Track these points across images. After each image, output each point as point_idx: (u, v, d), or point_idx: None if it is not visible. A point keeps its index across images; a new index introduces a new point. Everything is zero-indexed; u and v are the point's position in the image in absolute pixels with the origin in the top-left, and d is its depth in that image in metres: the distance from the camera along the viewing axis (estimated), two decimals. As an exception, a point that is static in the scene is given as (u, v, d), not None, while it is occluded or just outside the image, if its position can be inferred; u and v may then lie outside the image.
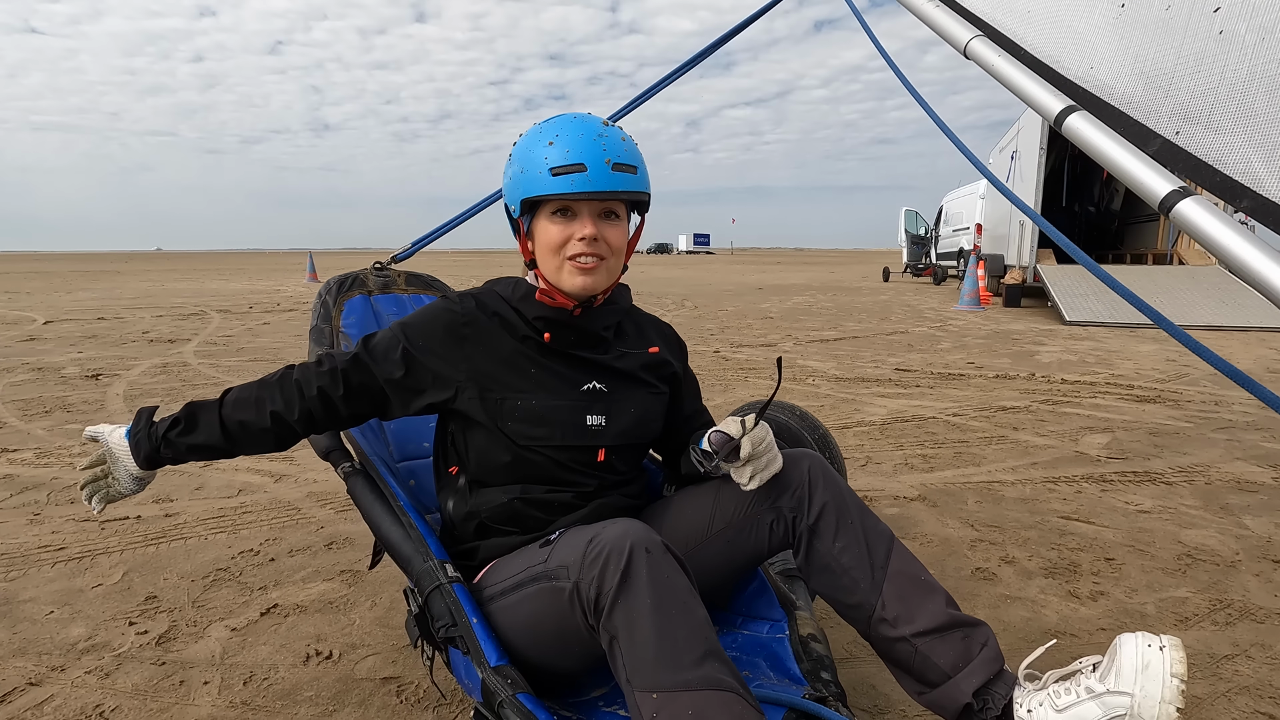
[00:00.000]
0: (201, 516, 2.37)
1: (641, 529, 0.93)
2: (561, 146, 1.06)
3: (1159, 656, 0.91)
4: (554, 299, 1.15)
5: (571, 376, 1.18)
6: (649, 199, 1.16)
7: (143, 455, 1.12)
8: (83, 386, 4.55)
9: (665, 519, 1.24)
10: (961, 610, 1.10)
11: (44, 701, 1.40)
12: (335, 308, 1.63)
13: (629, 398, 1.22)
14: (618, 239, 1.13)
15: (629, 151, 1.09)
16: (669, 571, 0.90)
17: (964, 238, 15.31)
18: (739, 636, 1.30)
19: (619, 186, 1.07)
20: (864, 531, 1.11)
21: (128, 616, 1.72)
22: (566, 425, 1.16)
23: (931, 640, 1.04)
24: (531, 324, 1.16)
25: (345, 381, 1.15)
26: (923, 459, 2.97)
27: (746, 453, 1.09)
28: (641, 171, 1.11)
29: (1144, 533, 2.21)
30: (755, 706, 0.86)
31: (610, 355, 1.21)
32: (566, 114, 1.13)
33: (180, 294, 13.38)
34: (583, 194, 1.06)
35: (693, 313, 9.49)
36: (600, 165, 1.05)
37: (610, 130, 1.10)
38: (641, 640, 0.86)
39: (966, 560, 2.02)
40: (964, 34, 1.29)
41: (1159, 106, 0.97)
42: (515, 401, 1.14)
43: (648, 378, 1.25)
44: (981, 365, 5.27)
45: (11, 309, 10.13)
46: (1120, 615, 1.72)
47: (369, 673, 1.50)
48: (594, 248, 1.09)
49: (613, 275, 1.16)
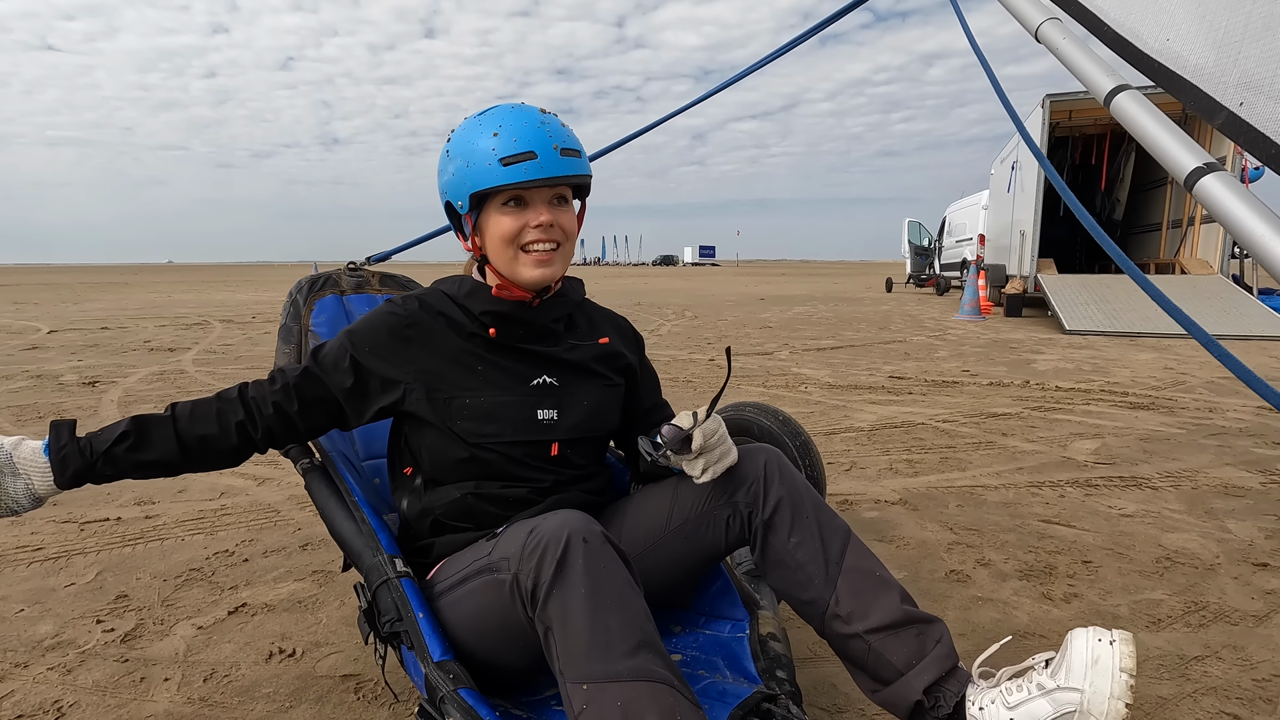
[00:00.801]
0: (181, 518, 2.38)
1: (581, 519, 0.93)
2: (508, 136, 1.06)
3: (1109, 651, 0.90)
4: (511, 292, 1.15)
5: (520, 371, 1.17)
6: (590, 182, 1.18)
7: (70, 472, 1.03)
8: (79, 393, 4.58)
9: (625, 515, 1.24)
10: (919, 607, 1.09)
11: (3, 697, 1.40)
12: (305, 307, 1.64)
13: (581, 390, 1.21)
14: (571, 223, 1.14)
15: (571, 136, 1.11)
16: (606, 562, 0.90)
17: (967, 248, 15.28)
18: (701, 636, 1.29)
19: (570, 170, 1.08)
20: (819, 527, 1.11)
21: (96, 615, 1.73)
22: (517, 421, 1.15)
23: (885, 637, 1.03)
24: (478, 319, 1.16)
25: (299, 396, 1.13)
26: (908, 464, 2.95)
27: (698, 444, 1.09)
28: (584, 154, 1.13)
29: (1124, 536, 2.18)
30: (690, 700, 0.85)
31: (560, 348, 1.21)
32: (501, 105, 1.13)
33: (185, 304, 13.49)
34: (536, 181, 1.06)
35: (692, 322, 9.49)
36: (550, 151, 1.06)
37: (549, 117, 1.11)
38: (574, 631, 0.85)
39: (942, 562, 2.01)
40: (1038, 16, 1.29)
41: (1227, 76, 0.97)
42: (464, 400, 1.13)
43: (601, 369, 1.25)
44: (976, 373, 5.25)
45: (18, 319, 10.23)
46: (1092, 616, 1.70)
47: (329, 670, 1.50)
48: (550, 234, 1.10)
49: (567, 260, 1.17)
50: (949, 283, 16.48)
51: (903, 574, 1.93)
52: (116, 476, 1.07)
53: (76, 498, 2.57)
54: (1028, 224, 9.79)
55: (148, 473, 1.08)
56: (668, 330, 8.41)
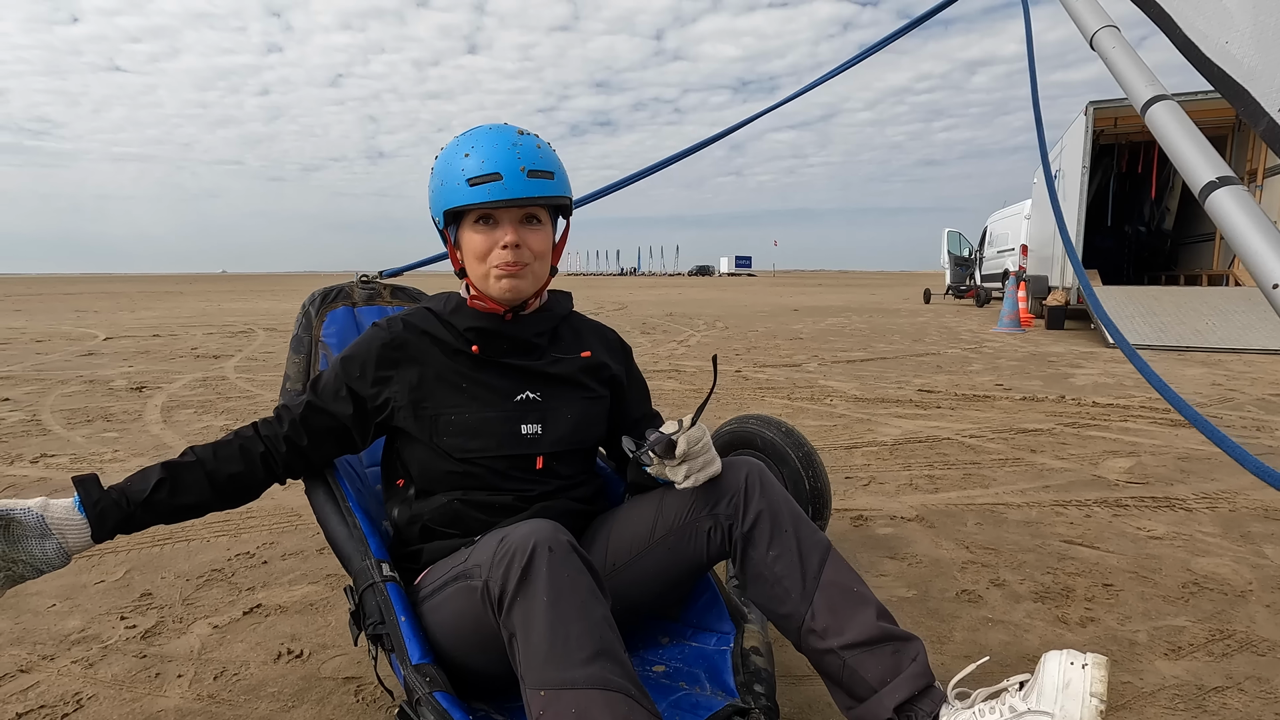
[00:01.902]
0: (209, 520, 2.46)
1: (549, 528, 0.94)
2: (477, 157, 1.10)
3: (1080, 675, 0.88)
4: (485, 304, 1.20)
5: (504, 387, 1.20)
6: (570, 203, 1.20)
7: (110, 525, 1.05)
8: (126, 398, 4.80)
9: (611, 525, 1.25)
10: (899, 625, 1.07)
11: (29, 688, 1.48)
12: (317, 318, 1.70)
13: (565, 404, 1.23)
14: (539, 243, 1.16)
15: (544, 158, 1.13)
16: (570, 571, 0.91)
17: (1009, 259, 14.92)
18: (687, 648, 1.29)
19: (534, 193, 1.10)
20: (798, 541, 1.10)
21: (121, 611, 1.81)
22: (501, 436, 1.18)
23: (860, 653, 1.02)
24: (462, 335, 1.19)
25: (308, 430, 1.20)
26: (929, 480, 2.89)
27: (681, 450, 1.10)
28: (559, 176, 1.15)
29: (1151, 559, 2.10)
30: (647, 709, 0.86)
31: (544, 361, 1.24)
32: (483, 125, 1.17)
33: (233, 313, 14.00)
34: (500, 202, 1.09)
35: (723, 333, 9.46)
36: (515, 173, 1.09)
37: (525, 139, 1.13)
38: (535, 638, 0.87)
39: (954, 582, 1.96)
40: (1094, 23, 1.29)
41: (1273, 80, 0.95)
42: (449, 416, 1.17)
43: (585, 381, 1.27)
44: (1010, 387, 5.11)
45: (78, 326, 10.76)
46: (1108, 642, 1.64)
47: (333, 672, 1.54)
48: (516, 254, 1.13)
49: (539, 279, 1.19)
50: (989, 294, 16.09)
51: (912, 593, 1.89)
52: (152, 523, 1.11)
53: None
54: (1071, 234, 9.51)
55: (182, 516, 1.14)
56: (696, 341, 8.40)
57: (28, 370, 6.05)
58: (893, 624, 1.05)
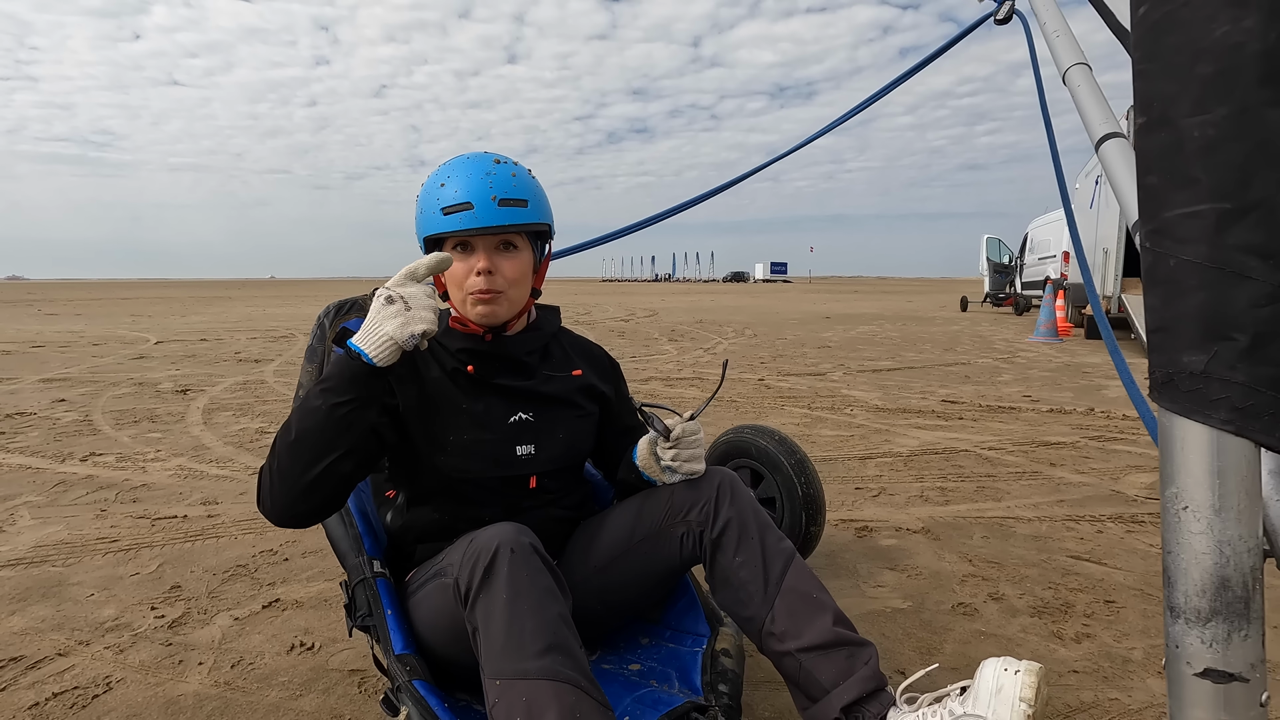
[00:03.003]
0: (238, 518, 2.60)
1: (513, 531, 1.01)
2: (451, 187, 1.14)
3: (1012, 680, 0.91)
4: (466, 326, 1.23)
5: (499, 408, 1.23)
6: (549, 229, 1.23)
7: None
8: (171, 400, 5.04)
9: (595, 530, 1.32)
10: (856, 631, 1.12)
11: (65, 670, 1.60)
12: (331, 329, 1.80)
13: (557, 423, 1.27)
14: (514, 270, 1.19)
15: (518, 186, 1.16)
16: (530, 571, 0.97)
17: (1050, 266, 14.55)
18: (664, 649, 1.34)
19: (505, 221, 1.14)
20: (763, 548, 1.15)
21: (151, 602, 1.94)
22: (497, 458, 1.21)
23: (815, 656, 1.07)
24: (455, 355, 1.23)
25: None
26: (940, 492, 2.88)
27: (676, 435, 1.21)
28: (534, 204, 1.18)
29: (1159, 576, 2.07)
30: (596, 700, 0.92)
31: (536, 380, 1.27)
32: (461, 155, 1.22)
33: (277, 318, 14.50)
34: (469, 231, 1.13)
35: (750, 341, 9.45)
36: (486, 202, 1.13)
37: (500, 168, 1.17)
38: (494, 631, 0.93)
39: (952, 594, 1.97)
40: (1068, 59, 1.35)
41: None
42: (449, 438, 1.19)
43: (576, 400, 1.31)
44: (1038, 399, 5.02)
45: (132, 330, 11.28)
46: (1100, 659, 1.63)
47: (340, 665, 1.63)
48: (489, 281, 1.16)
49: (515, 304, 1.22)
50: (1029, 302, 15.70)
51: (907, 604, 1.91)
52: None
53: (154, 495, 2.86)
54: (1111, 241, 9.26)
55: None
56: (723, 349, 8.42)
57: (84, 372, 6.40)
58: (849, 629, 1.10)
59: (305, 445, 1.05)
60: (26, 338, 9.89)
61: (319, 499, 1.08)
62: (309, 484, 1.05)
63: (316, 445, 1.05)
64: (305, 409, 1.07)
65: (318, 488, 1.06)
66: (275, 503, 1.07)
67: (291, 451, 1.05)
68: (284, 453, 1.06)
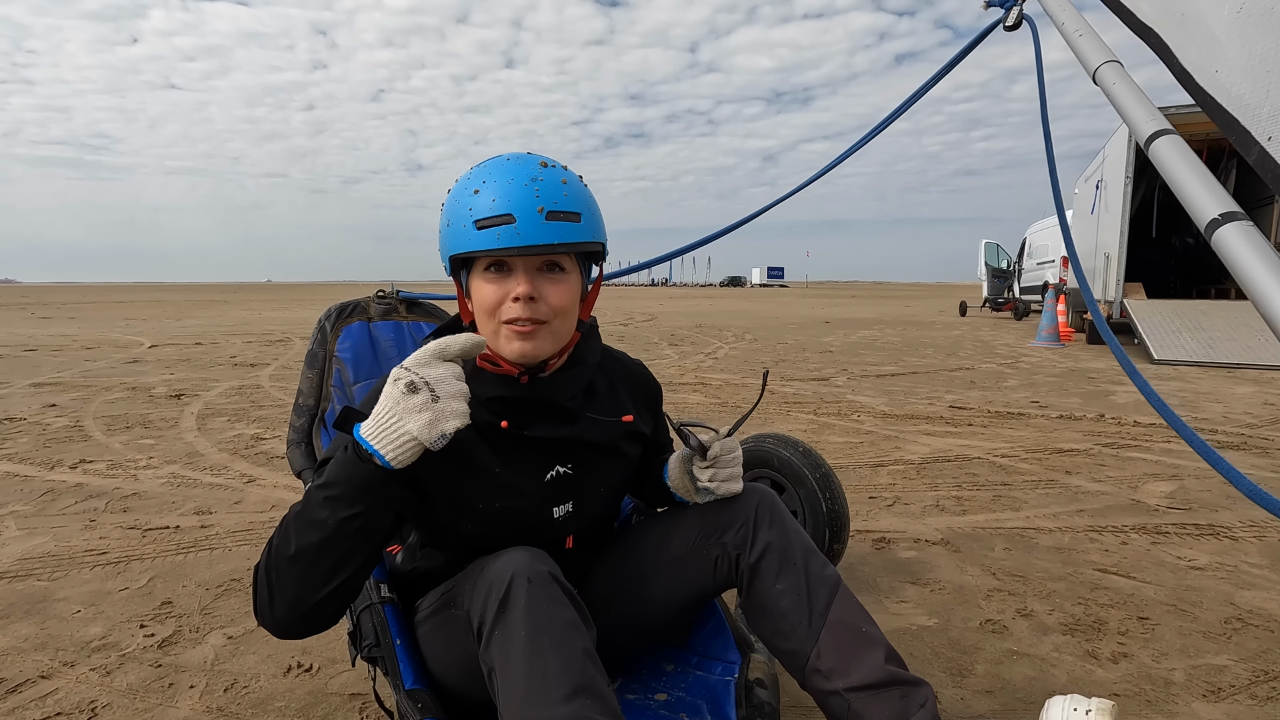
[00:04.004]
0: (233, 529, 2.51)
1: (528, 557, 0.91)
2: (488, 194, 0.93)
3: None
4: (498, 365, 1.01)
5: (534, 465, 1.05)
6: (603, 248, 1.01)
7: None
8: (165, 405, 4.94)
9: (617, 550, 1.23)
10: (907, 669, 1.03)
11: (48, 694, 1.51)
12: (332, 333, 1.72)
13: (598, 476, 1.11)
14: (561, 298, 0.97)
15: (571, 196, 0.95)
16: (549, 602, 0.88)
17: (1049, 271, 14.54)
18: (691, 676, 1.26)
19: (554, 239, 0.92)
20: (807, 575, 1.07)
21: (141, 619, 1.84)
22: (531, 525, 1.06)
23: (866, 697, 0.98)
24: (486, 406, 1.01)
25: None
26: (956, 501, 2.81)
27: (713, 453, 1.10)
28: (588, 218, 0.96)
29: (1191, 591, 2.00)
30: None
31: (579, 427, 1.08)
32: (501, 155, 1.00)
33: (273, 322, 14.37)
34: (509, 250, 0.91)
35: (751, 346, 9.37)
36: (531, 215, 0.91)
37: (548, 172, 0.95)
38: (513, 674, 0.84)
39: (978, 610, 1.89)
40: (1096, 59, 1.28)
41: (1261, 109, 0.93)
42: (475, 505, 1.03)
43: (621, 446, 1.14)
44: (1046, 405, 4.95)
45: (125, 334, 11.15)
46: (1141, 680, 1.55)
47: (340, 688, 1.54)
48: (530, 310, 0.95)
49: (559, 338, 1.00)
50: (1028, 307, 15.69)
51: (933, 621, 1.83)
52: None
53: (146, 505, 2.77)
54: (1113, 246, 9.23)
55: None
56: (724, 354, 8.34)
57: (75, 377, 6.29)
58: (902, 667, 1.01)
59: (309, 562, 0.86)
60: (19, 341, 9.76)
61: (331, 612, 0.91)
62: (317, 603, 0.87)
63: (322, 563, 0.86)
64: (307, 519, 0.86)
65: (330, 603, 0.89)
66: (277, 620, 0.89)
67: (293, 570, 0.86)
68: (284, 569, 0.86)
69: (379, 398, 0.88)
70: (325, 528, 0.85)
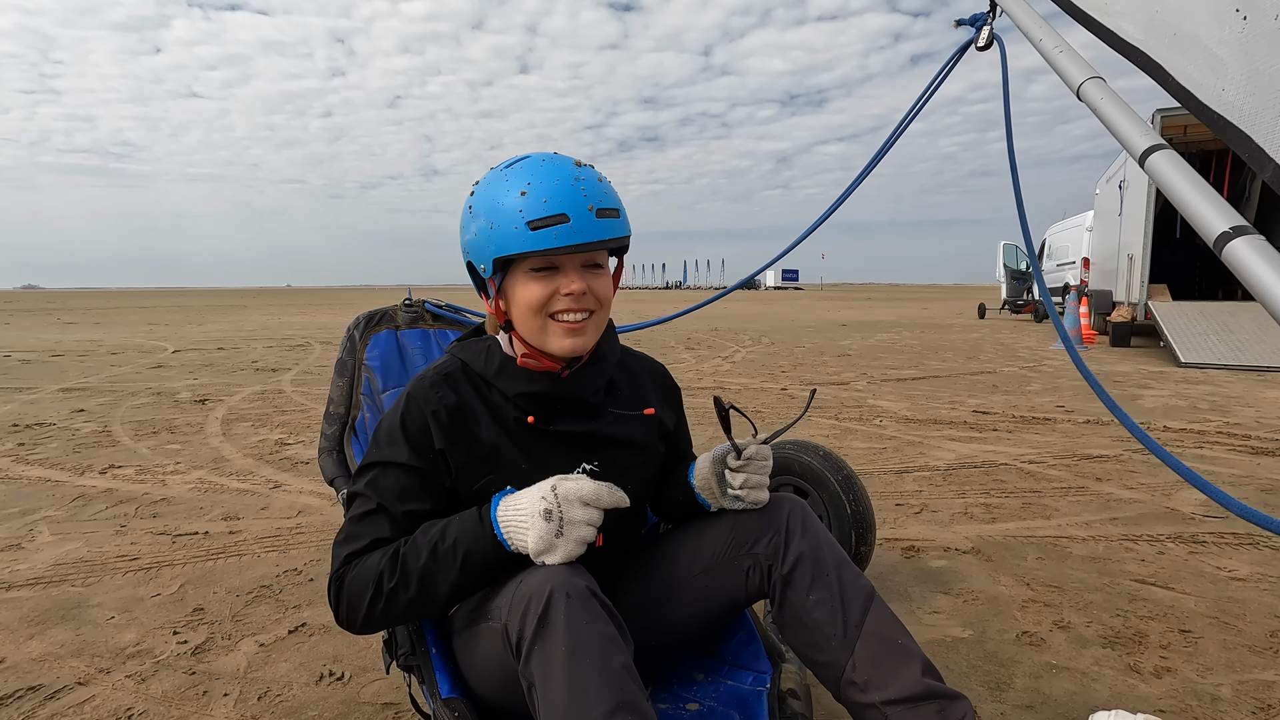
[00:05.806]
0: (260, 535, 2.53)
1: (565, 573, 0.90)
2: (537, 195, 0.94)
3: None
4: (540, 362, 1.05)
5: (561, 461, 1.07)
6: (629, 242, 1.05)
7: None
8: (190, 410, 5.00)
9: (647, 561, 1.22)
10: (944, 681, 1.01)
11: (85, 701, 1.52)
12: (361, 341, 1.72)
13: (625, 472, 1.11)
14: (605, 290, 1.04)
15: (609, 193, 0.99)
16: (589, 618, 0.87)
17: (1069, 272, 14.35)
18: (722, 686, 1.24)
19: (606, 235, 0.96)
20: (840, 586, 1.05)
21: (174, 626, 1.86)
22: None
23: (903, 710, 0.96)
24: (514, 403, 1.05)
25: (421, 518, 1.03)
26: (985, 509, 2.76)
27: (749, 454, 1.10)
28: (623, 213, 1.01)
29: (1234, 603, 1.95)
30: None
31: (603, 421, 1.10)
32: (533, 155, 1.01)
33: (293, 326, 14.53)
34: (569, 248, 0.94)
35: (768, 349, 9.33)
36: (583, 214, 0.94)
37: (585, 170, 0.99)
38: (553, 690, 0.83)
39: (1014, 622, 1.85)
40: (1079, 75, 1.27)
41: (1276, 126, 0.92)
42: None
43: (645, 441, 1.16)
44: (1072, 409, 4.88)
45: (149, 339, 11.33)
46: (1186, 696, 1.52)
47: (373, 697, 1.54)
48: (582, 303, 1.00)
49: (600, 329, 1.07)
50: (1049, 309, 15.49)
51: (968, 633, 1.80)
52: None
53: (175, 510, 2.80)
54: (1136, 247, 9.09)
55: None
56: (742, 358, 8.31)
57: (102, 382, 6.39)
58: (939, 680, 0.99)
59: (425, 602, 0.97)
60: (46, 346, 9.94)
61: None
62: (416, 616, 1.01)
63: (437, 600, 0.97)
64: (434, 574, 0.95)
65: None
66: (367, 629, 1.00)
67: (410, 608, 0.97)
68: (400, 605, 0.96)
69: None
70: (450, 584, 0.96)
